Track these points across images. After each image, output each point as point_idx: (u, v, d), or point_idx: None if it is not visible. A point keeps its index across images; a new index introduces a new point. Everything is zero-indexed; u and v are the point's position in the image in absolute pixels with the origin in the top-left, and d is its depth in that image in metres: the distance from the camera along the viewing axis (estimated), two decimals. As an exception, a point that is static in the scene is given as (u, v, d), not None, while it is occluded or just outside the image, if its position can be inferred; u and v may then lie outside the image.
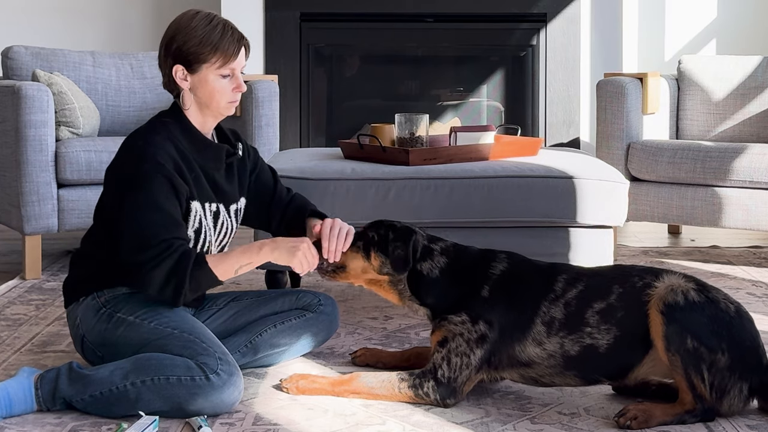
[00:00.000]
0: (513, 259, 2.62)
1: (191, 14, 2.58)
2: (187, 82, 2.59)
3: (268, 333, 2.81)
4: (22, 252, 4.06)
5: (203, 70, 2.56)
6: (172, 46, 2.56)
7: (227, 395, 2.44)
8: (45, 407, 2.47)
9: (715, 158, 4.28)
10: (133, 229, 2.47)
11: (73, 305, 2.65)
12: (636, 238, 4.95)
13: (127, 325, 2.55)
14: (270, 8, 5.53)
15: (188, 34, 2.54)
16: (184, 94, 2.60)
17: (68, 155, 4.04)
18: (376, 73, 5.94)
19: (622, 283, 2.50)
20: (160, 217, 2.47)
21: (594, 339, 2.48)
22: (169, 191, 2.49)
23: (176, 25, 2.57)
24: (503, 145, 3.58)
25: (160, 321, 2.54)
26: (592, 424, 2.44)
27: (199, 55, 2.54)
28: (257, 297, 2.92)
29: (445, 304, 2.60)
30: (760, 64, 4.83)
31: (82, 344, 2.64)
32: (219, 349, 2.49)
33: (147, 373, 2.43)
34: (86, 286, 2.62)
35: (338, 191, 3.25)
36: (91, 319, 2.60)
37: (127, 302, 2.58)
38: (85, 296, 2.62)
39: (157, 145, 2.53)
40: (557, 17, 5.53)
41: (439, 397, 2.54)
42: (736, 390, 2.41)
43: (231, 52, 2.56)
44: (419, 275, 2.62)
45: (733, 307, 2.46)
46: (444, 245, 2.66)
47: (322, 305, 2.89)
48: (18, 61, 4.48)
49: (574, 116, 5.54)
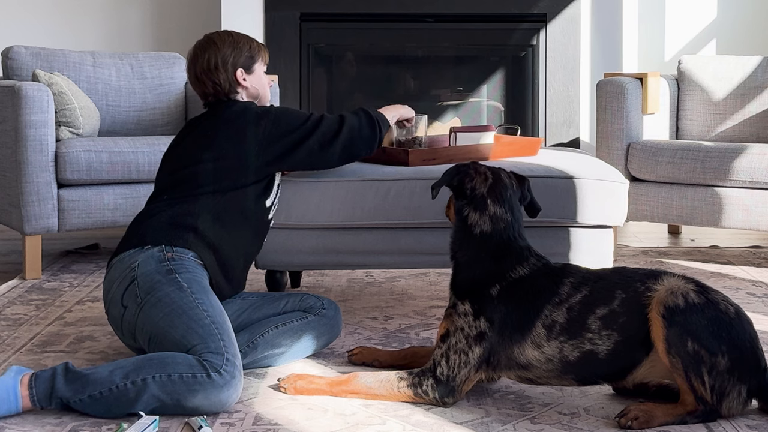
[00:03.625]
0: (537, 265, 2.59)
1: (214, 36, 3.01)
2: (247, 81, 3.00)
3: (270, 334, 2.85)
4: (22, 252, 4.06)
5: (256, 68, 3.02)
6: (228, 62, 2.96)
7: (226, 395, 2.46)
8: (39, 406, 2.47)
9: (715, 158, 4.28)
10: (313, 129, 2.96)
11: (132, 252, 2.74)
12: (636, 238, 4.95)
13: (177, 287, 2.64)
14: (270, 8, 5.53)
15: (235, 44, 2.99)
16: (243, 95, 3.01)
17: (68, 155, 4.04)
18: (376, 73, 5.94)
19: (625, 288, 2.50)
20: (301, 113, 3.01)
21: (594, 345, 2.48)
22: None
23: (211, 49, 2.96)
24: (503, 145, 3.58)
25: (202, 301, 2.63)
26: (592, 424, 2.44)
27: (254, 55, 3.01)
28: (261, 297, 2.99)
29: (463, 274, 2.60)
30: (760, 64, 4.83)
31: (128, 286, 2.68)
32: (231, 351, 2.53)
33: (149, 371, 2.45)
34: (157, 236, 2.74)
35: (338, 191, 3.25)
36: (152, 266, 2.69)
37: (188, 271, 2.70)
38: (153, 246, 2.72)
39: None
40: (557, 17, 5.53)
41: (438, 395, 2.54)
42: (735, 392, 2.40)
43: (264, 49, 3.06)
44: (464, 222, 2.63)
45: (733, 308, 2.45)
46: (500, 213, 2.63)
47: (325, 308, 2.95)
48: (18, 61, 4.48)
49: (574, 116, 5.54)
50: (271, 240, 3.23)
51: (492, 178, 2.67)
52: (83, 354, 3.00)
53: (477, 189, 2.64)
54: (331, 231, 3.29)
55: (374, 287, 3.90)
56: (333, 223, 3.26)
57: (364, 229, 3.31)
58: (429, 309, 3.55)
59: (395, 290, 3.85)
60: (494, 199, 2.64)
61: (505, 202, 2.65)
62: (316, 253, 3.30)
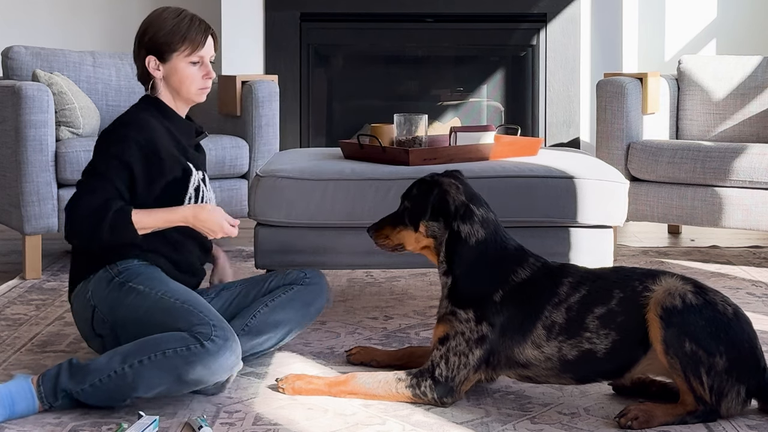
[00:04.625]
0: (536, 266, 2.59)
1: (161, 9, 2.80)
2: (160, 71, 2.77)
3: (262, 313, 2.86)
4: (22, 252, 4.06)
5: (173, 59, 2.75)
6: (144, 39, 2.77)
7: (224, 359, 2.49)
8: (47, 403, 2.49)
9: (715, 158, 4.27)
10: (87, 170, 2.65)
11: (81, 284, 2.73)
12: (636, 238, 4.95)
13: (136, 294, 2.64)
14: (270, 8, 5.53)
15: (158, 26, 2.75)
16: (157, 83, 2.78)
17: (68, 155, 4.04)
18: (376, 73, 5.94)
19: (623, 288, 2.50)
20: (113, 172, 2.63)
21: (592, 344, 2.48)
22: (136, 157, 2.65)
23: (148, 20, 2.79)
24: (503, 145, 3.58)
25: (165, 292, 2.64)
26: (592, 424, 2.44)
27: (169, 44, 2.74)
28: (245, 282, 3.00)
29: (463, 286, 2.58)
30: (760, 64, 4.83)
31: (92, 317, 2.69)
32: (214, 318, 2.56)
33: (144, 352, 2.48)
34: (97, 262, 2.71)
35: (338, 191, 3.24)
36: (103, 289, 2.68)
37: (139, 274, 2.68)
38: (97, 271, 2.70)
39: (142, 120, 2.72)
40: (557, 17, 5.53)
41: (436, 396, 2.54)
42: (734, 393, 2.40)
43: (198, 40, 2.75)
44: (458, 237, 2.60)
45: (731, 309, 2.45)
46: (485, 215, 2.61)
47: (308, 278, 2.97)
48: (18, 61, 4.48)
49: (574, 116, 5.54)
50: (271, 239, 3.23)
51: (457, 182, 2.65)
52: (83, 354, 3.00)
53: (457, 199, 2.62)
54: (331, 230, 3.29)
55: (374, 287, 3.90)
56: (333, 222, 3.26)
57: (364, 228, 3.31)
58: (429, 309, 3.55)
59: (395, 290, 3.85)
60: (474, 203, 2.63)
61: (480, 201, 2.65)
62: (316, 253, 3.30)
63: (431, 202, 2.61)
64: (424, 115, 3.47)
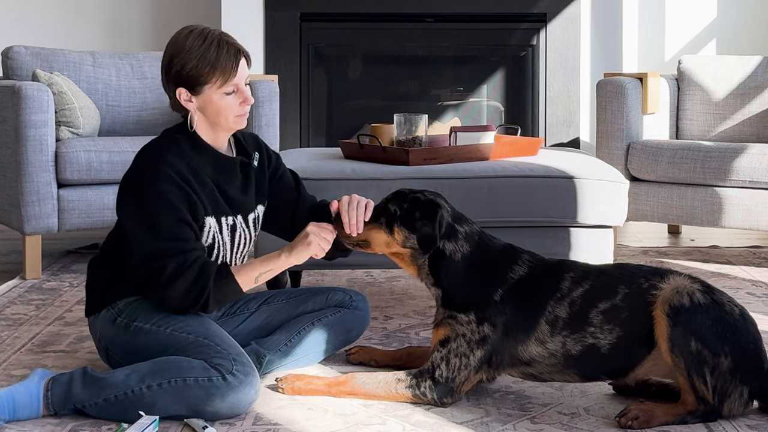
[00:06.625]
0: (532, 262, 2.59)
1: (185, 34, 2.54)
2: (193, 103, 2.56)
3: (306, 331, 2.83)
4: (22, 252, 4.06)
5: (206, 91, 2.54)
6: (171, 71, 2.54)
7: (243, 395, 2.43)
8: (53, 410, 2.44)
9: (715, 158, 4.28)
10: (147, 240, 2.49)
11: (92, 317, 2.67)
12: (636, 238, 4.95)
13: (144, 333, 2.56)
14: (270, 8, 5.53)
15: (185, 57, 2.51)
16: (192, 115, 2.58)
17: (68, 155, 4.04)
18: (376, 73, 5.94)
19: (629, 284, 2.49)
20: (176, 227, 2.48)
21: (596, 339, 2.48)
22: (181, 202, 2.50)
23: (171, 48, 2.55)
24: (503, 145, 3.58)
25: (175, 327, 2.54)
26: (592, 424, 2.44)
27: (199, 78, 2.52)
28: (288, 298, 2.93)
29: (458, 295, 2.57)
30: (760, 64, 4.83)
31: (107, 355, 2.66)
32: (234, 351, 2.49)
33: (164, 375, 2.42)
34: (101, 298, 2.63)
35: (338, 191, 3.24)
36: (109, 330, 2.61)
37: (142, 310, 2.59)
38: (101, 309, 2.63)
39: (169, 161, 2.53)
40: (557, 17, 5.52)
41: (436, 396, 2.53)
42: (736, 394, 2.40)
43: (230, 68, 2.52)
44: (442, 255, 2.58)
45: (738, 310, 2.45)
46: (468, 230, 2.60)
47: (355, 302, 2.92)
48: (18, 61, 4.48)
49: (574, 116, 5.54)
50: (270, 239, 3.23)
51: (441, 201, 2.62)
52: (83, 354, 3.00)
53: (445, 220, 2.59)
54: (331, 231, 3.28)
55: (374, 287, 3.90)
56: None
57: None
58: (429, 309, 3.55)
59: (395, 290, 3.85)
60: (457, 221, 2.62)
61: (462, 218, 2.64)
62: (316, 253, 3.29)
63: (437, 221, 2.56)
64: (424, 115, 3.47)
